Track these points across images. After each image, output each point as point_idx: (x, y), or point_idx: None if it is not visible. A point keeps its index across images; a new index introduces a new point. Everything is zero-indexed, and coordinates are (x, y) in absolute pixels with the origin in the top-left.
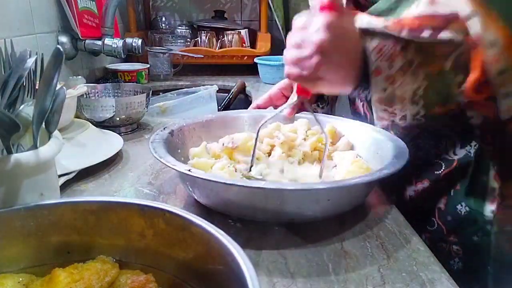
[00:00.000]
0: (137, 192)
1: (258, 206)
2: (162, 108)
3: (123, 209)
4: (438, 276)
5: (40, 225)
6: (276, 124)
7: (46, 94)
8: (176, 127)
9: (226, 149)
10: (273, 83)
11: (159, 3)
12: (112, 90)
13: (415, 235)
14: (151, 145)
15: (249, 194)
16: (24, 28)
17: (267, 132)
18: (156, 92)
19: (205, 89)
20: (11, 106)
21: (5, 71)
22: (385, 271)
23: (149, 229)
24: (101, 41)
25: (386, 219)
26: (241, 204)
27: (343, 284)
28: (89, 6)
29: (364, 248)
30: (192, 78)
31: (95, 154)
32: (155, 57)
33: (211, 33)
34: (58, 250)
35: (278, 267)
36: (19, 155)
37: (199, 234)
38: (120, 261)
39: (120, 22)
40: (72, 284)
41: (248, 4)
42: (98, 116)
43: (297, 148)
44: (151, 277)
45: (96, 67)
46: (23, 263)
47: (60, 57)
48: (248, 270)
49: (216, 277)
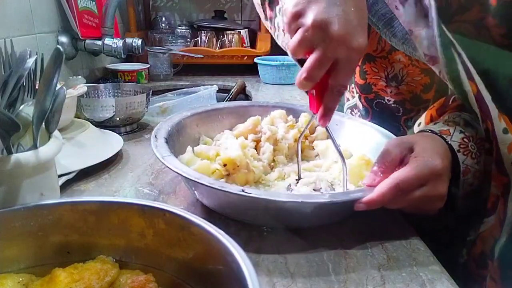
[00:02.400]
0: (137, 192)
1: (257, 212)
2: (162, 108)
3: (123, 209)
4: (438, 276)
5: (40, 225)
6: (256, 118)
7: (46, 94)
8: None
9: (220, 174)
10: (273, 83)
11: (159, 3)
12: (112, 90)
13: (415, 235)
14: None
15: (246, 201)
16: (24, 28)
17: (248, 127)
18: (156, 92)
19: (205, 89)
20: (11, 106)
21: (5, 71)
22: (385, 271)
23: (149, 229)
24: (101, 41)
25: (386, 219)
26: (240, 210)
27: (343, 284)
28: (89, 6)
29: (364, 248)
30: (192, 78)
31: (95, 154)
32: (155, 57)
33: (211, 33)
34: (58, 250)
35: (278, 267)
36: (19, 155)
37: (199, 234)
38: (120, 261)
39: (120, 22)
40: (72, 284)
41: (248, 4)
42: (98, 116)
43: (281, 142)
44: (151, 277)
45: (96, 67)
46: (23, 263)
47: (60, 57)
48: (248, 270)
49: (216, 277)
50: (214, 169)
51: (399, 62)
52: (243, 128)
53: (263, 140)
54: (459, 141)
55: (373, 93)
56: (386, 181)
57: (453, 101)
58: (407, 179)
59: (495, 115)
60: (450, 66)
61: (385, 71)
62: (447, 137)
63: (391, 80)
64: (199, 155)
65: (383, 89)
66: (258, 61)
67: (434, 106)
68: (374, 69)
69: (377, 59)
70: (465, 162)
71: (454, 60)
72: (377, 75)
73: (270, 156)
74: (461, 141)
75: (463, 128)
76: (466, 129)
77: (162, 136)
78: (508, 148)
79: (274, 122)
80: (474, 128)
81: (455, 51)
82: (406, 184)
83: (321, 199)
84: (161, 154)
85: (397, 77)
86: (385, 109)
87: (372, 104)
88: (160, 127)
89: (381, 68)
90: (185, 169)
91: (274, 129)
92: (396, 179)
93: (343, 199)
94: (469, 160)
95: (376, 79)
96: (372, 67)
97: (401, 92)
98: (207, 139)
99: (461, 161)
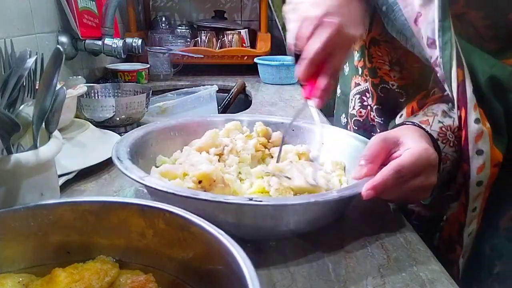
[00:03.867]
0: (137, 192)
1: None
2: (162, 108)
3: (123, 209)
4: (438, 276)
5: (40, 225)
6: (214, 131)
7: (46, 94)
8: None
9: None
10: (273, 83)
11: (159, 3)
12: (112, 90)
13: (415, 235)
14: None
15: None
16: (24, 28)
17: (208, 142)
18: (156, 92)
19: (205, 89)
20: (11, 106)
21: (5, 71)
22: (385, 271)
23: (149, 229)
24: (101, 41)
25: (386, 219)
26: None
27: (343, 284)
28: (89, 6)
29: (364, 248)
30: (192, 78)
31: (95, 154)
32: (155, 57)
33: (211, 33)
34: (58, 250)
35: (278, 267)
36: (19, 155)
37: (199, 234)
38: (120, 261)
39: (120, 22)
40: (72, 284)
41: (248, 4)
42: (98, 116)
43: (242, 153)
44: (151, 277)
45: (96, 67)
46: (23, 263)
47: (60, 57)
48: (248, 270)
49: (216, 277)
50: (187, 187)
51: (401, 48)
52: (203, 143)
53: (226, 152)
54: (438, 130)
55: (378, 77)
56: (387, 167)
57: (433, 94)
58: (407, 165)
59: (471, 104)
60: (444, 50)
61: (389, 55)
62: (426, 126)
63: (394, 64)
64: (166, 175)
65: (387, 73)
66: (258, 61)
67: (415, 99)
68: (379, 53)
69: (381, 43)
70: (444, 150)
71: (449, 45)
72: (381, 59)
73: (237, 168)
74: (440, 130)
75: (441, 119)
76: (444, 119)
77: (126, 158)
78: (475, 137)
79: (229, 134)
80: (452, 118)
81: (452, 38)
82: (406, 170)
83: (330, 196)
84: (139, 175)
85: (400, 62)
86: (390, 94)
87: (377, 89)
88: (118, 148)
89: (385, 52)
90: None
91: (234, 141)
92: (398, 165)
93: (353, 192)
94: (448, 148)
95: (380, 63)
96: (377, 51)
97: (403, 77)
98: (164, 159)
99: (441, 149)
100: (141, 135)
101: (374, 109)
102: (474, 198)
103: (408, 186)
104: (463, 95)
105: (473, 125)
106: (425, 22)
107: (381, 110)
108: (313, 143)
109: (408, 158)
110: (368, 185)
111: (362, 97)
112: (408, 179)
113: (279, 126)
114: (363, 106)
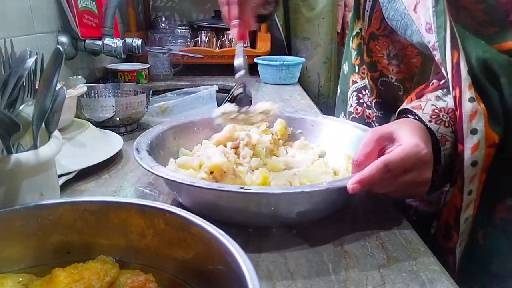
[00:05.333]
0: (137, 192)
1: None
2: (162, 108)
3: (123, 209)
4: (438, 276)
5: (40, 225)
6: (232, 126)
7: (46, 94)
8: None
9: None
10: (273, 83)
11: (159, 3)
12: (112, 90)
13: (415, 235)
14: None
15: None
16: (24, 28)
17: (225, 136)
18: (156, 92)
19: (205, 89)
20: (11, 106)
21: (5, 71)
22: (385, 271)
23: (149, 229)
24: (101, 41)
25: (386, 219)
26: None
27: (343, 284)
28: (89, 6)
29: (364, 248)
30: (192, 78)
31: (95, 154)
32: (155, 57)
33: (211, 33)
34: (58, 250)
35: (278, 267)
36: (19, 155)
37: (199, 234)
38: (120, 261)
39: (120, 22)
40: (72, 284)
41: None
42: (98, 116)
43: (257, 147)
44: (151, 277)
45: (96, 67)
46: (23, 263)
47: (60, 57)
48: (248, 270)
49: (216, 277)
50: (201, 177)
51: (399, 42)
52: (221, 137)
53: (242, 146)
54: (430, 113)
55: (378, 71)
56: (375, 162)
57: (431, 85)
58: (395, 161)
59: (466, 84)
60: (439, 34)
61: (387, 49)
62: (418, 111)
63: (392, 58)
64: (183, 166)
65: (386, 67)
66: (258, 61)
67: (414, 91)
68: (378, 47)
69: (380, 37)
70: (440, 131)
71: (443, 28)
72: (380, 53)
73: (250, 161)
74: (432, 112)
75: (434, 102)
76: (437, 102)
77: (144, 149)
78: (470, 116)
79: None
80: (445, 101)
81: (446, 21)
82: (394, 165)
83: (318, 187)
84: (149, 165)
85: (398, 56)
86: (389, 87)
87: (377, 83)
88: (140, 141)
89: (383, 46)
90: (181, 175)
91: (250, 135)
92: (385, 160)
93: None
94: (443, 128)
95: (379, 57)
96: (376, 45)
97: (401, 70)
98: (186, 151)
99: (435, 130)
100: (165, 129)
101: (374, 103)
102: (470, 180)
103: (399, 181)
104: (458, 75)
105: (468, 103)
106: (424, 8)
107: (381, 104)
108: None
109: (396, 154)
110: (354, 179)
111: (358, 95)
112: (397, 174)
113: (300, 122)
114: (359, 103)
